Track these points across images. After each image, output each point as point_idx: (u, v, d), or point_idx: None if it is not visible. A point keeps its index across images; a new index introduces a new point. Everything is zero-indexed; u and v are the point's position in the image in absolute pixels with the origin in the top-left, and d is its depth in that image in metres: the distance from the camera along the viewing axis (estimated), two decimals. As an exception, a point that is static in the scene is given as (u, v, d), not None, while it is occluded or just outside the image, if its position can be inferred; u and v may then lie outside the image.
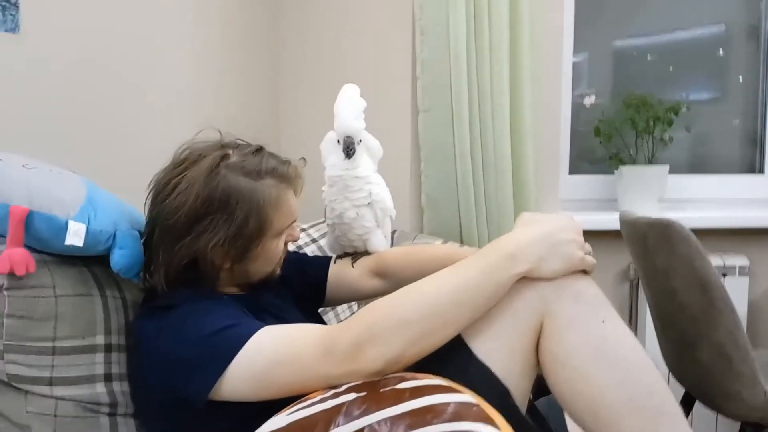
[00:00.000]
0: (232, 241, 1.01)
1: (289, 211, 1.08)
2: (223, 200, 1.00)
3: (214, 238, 0.99)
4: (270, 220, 1.04)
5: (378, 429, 0.75)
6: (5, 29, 1.15)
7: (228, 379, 0.89)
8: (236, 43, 1.89)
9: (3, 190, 0.92)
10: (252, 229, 1.02)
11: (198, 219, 0.99)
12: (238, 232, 1.01)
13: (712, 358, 1.39)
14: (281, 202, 1.06)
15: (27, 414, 0.93)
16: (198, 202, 0.99)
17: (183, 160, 1.04)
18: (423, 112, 1.97)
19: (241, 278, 1.09)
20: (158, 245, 1.02)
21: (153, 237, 1.03)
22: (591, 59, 2.35)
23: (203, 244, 0.99)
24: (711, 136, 2.34)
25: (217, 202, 0.99)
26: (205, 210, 0.99)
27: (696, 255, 1.35)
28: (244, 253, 1.04)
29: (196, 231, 0.99)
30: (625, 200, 2.11)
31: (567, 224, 0.95)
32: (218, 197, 0.99)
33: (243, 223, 1.01)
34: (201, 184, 0.99)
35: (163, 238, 1.01)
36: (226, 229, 1.00)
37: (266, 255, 1.07)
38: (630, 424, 0.86)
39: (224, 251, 1.02)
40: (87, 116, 1.33)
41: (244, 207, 1.01)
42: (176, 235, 1.00)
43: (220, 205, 1.00)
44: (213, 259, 1.02)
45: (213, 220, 0.99)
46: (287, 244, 1.14)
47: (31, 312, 0.92)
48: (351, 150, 1.20)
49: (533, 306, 0.92)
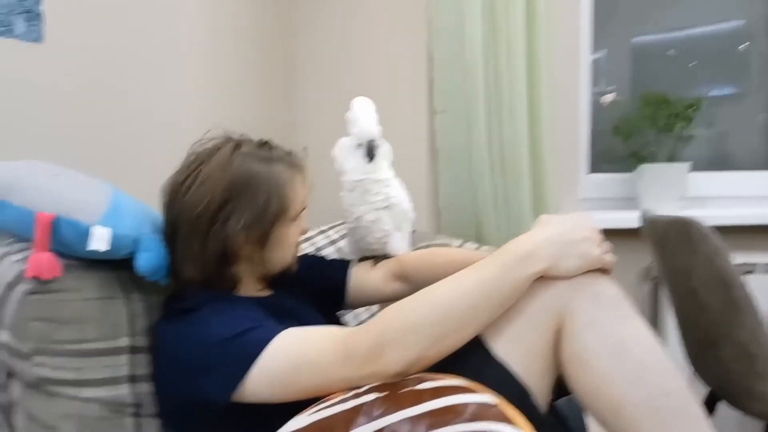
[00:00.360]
0: (257, 222, 1.04)
1: (302, 195, 1.12)
2: (244, 183, 1.03)
3: (242, 219, 1.02)
4: (289, 200, 1.08)
5: (398, 429, 0.76)
6: (29, 39, 1.18)
7: (250, 382, 0.90)
8: (250, 47, 1.91)
9: (30, 196, 0.94)
10: (274, 209, 1.05)
11: (223, 204, 1.02)
12: (262, 214, 1.04)
13: (735, 358, 1.37)
14: (295, 185, 1.10)
15: (55, 415, 0.95)
16: (220, 188, 1.02)
17: (196, 157, 1.07)
18: (439, 113, 1.97)
19: (262, 269, 1.11)
20: (188, 241, 1.03)
21: (178, 236, 1.04)
22: (610, 56, 2.33)
23: (231, 229, 1.02)
24: (733, 133, 2.31)
25: (239, 186, 1.03)
26: (228, 194, 1.02)
27: (716, 254, 1.33)
28: (265, 236, 1.06)
29: (224, 216, 1.02)
30: (645, 199, 2.09)
31: (583, 223, 0.95)
32: (239, 181, 1.03)
33: (266, 204, 1.04)
34: (220, 172, 1.03)
35: (193, 233, 1.03)
36: (251, 209, 1.03)
37: (284, 241, 1.10)
38: (650, 424, 0.85)
39: (248, 234, 1.04)
40: (108, 123, 1.35)
41: (264, 188, 1.04)
42: (205, 226, 1.02)
43: (242, 188, 1.03)
44: (239, 245, 1.05)
45: (238, 203, 1.03)
46: (300, 237, 1.16)
47: (58, 315, 0.94)
48: (374, 152, 1.22)
49: (552, 306, 0.91)
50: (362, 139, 1.22)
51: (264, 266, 1.11)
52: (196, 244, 1.03)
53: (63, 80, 1.25)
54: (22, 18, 1.16)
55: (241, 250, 1.06)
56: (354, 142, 1.24)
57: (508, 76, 1.90)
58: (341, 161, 1.27)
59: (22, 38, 1.16)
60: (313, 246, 1.68)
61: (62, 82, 1.25)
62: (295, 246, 1.15)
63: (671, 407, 0.86)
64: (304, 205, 1.14)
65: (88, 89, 1.30)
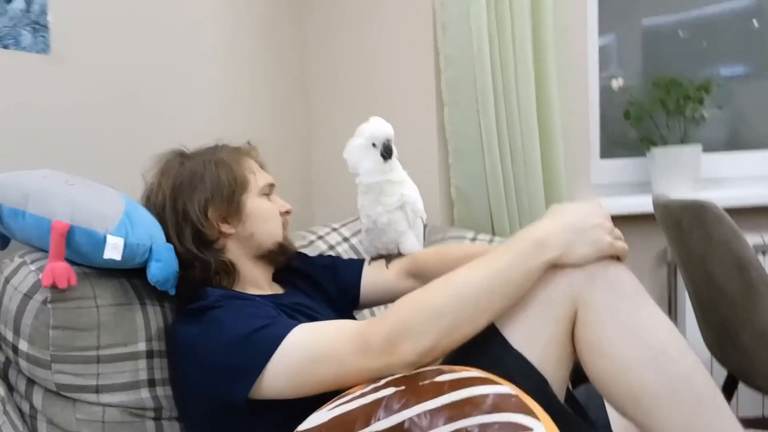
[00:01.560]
0: (215, 196, 1.10)
1: (256, 170, 1.18)
2: (190, 174, 1.12)
3: (196, 198, 1.09)
4: (242, 172, 1.15)
5: (418, 422, 0.76)
6: (36, 50, 1.18)
7: (267, 378, 0.91)
8: (264, 49, 1.91)
9: (46, 205, 0.95)
10: (229, 182, 1.12)
11: (178, 195, 1.10)
12: (215, 187, 1.11)
13: (754, 341, 1.36)
14: (243, 163, 1.16)
15: (76, 421, 0.96)
16: (171, 184, 1.11)
17: (153, 177, 1.15)
18: (448, 105, 1.96)
19: (253, 248, 1.14)
20: (173, 241, 1.08)
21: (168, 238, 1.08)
22: (619, 40, 2.30)
23: (194, 213, 1.09)
24: (747, 112, 2.28)
25: (186, 178, 1.11)
26: (179, 186, 1.10)
27: (732, 236, 1.31)
28: (237, 210, 1.12)
29: (181, 205, 1.09)
30: (658, 182, 2.07)
31: (594, 210, 0.94)
32: (185, 174, 1.12)
33: (216, 180, 1.11)
34: (169, 175, 1.12)
35: (171, 232, 1.08)
36: (203, 188, 1.10)
37: (261, 213, 1.15)
38: (670, 411, 0.85)
39: (215, 210, 1.10)
40: (117, 133, 1.36)
41: (211, 168, 1.12)
42: (173, 221, 1.09)
43: (190, 178, 1.11)
44: (211, 225, 1.10)
45: (191, 189, 1.10)
46: (285, 216, 1.20)
47: (75, 323, 0.95)
48: (391, 151, 1.23)
49: (566, 294, 0.91)
50: (377, 139, 1.22)
51: (252, 243, 1.14)
52: (177, 242, 1.07)
53: (71, 91, 1.26)
54: (28, 30, 1.17)
55: (219, 230, 1.11)
56: (367, 143, 1.23)
57: (516, 64, 1.88)
58: (355, 163, 1.26)
59: (29, 50, 1.17)
60: (326, 244, 1.68)
61: (71, 92, 1.25)
62: (275, 216, 1.18)
63: (690, 392, 0.85)
64: (267, 180, 1.19)
65: (97, 99, 1.31)
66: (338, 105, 2.13)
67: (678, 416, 0.84)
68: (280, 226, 1.18)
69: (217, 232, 1.11)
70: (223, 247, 1.12)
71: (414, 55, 2.03)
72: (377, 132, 1.22)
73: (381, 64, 2.09)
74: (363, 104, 2.09)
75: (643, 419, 0.87)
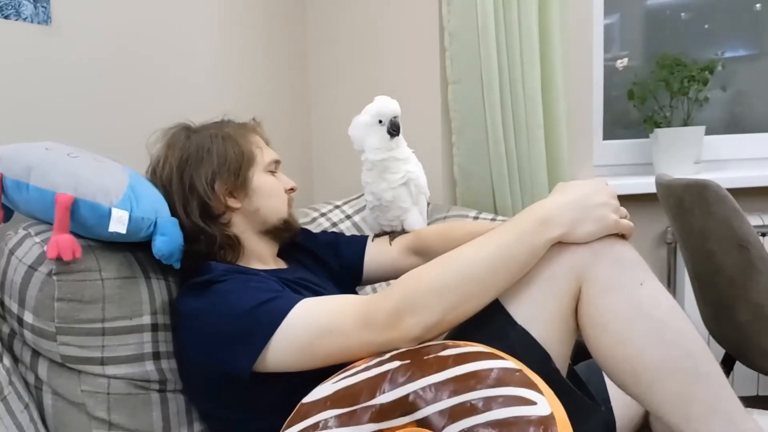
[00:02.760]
0: (222, 169, 1.10)
1: (262, 146, 1.18)
2: (197, 147, 1.11)
3: (203, 171, 1.09)
4: (249, 146, 1.15)
5: (423, 395, 0.77)
6: (37, 21, 1.17)
7: (271, 351, 0.91)
8: (263, 20, 1.90)
9: (50, 178, 0.95)
10: (236, 156, 1.12)
11: (185, 168, 1.09)
12: (222, 161, 1.10)
13: (751, 319, 1.37)
14: (249, 138, 1.16)
15: (81, 393, 0.97)
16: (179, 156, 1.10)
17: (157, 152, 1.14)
18: (453, 84, 1.95)
19: (258, 223, 1.15)
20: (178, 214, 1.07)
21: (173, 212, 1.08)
22: (623, 20, 2.29)
23: (201, 187, 1.08)
24: (749, 94, 2.27)
25: (194, 151, 1.11)
26: (186, 159, 1.10)
27: (733, 215, 1.32)
28: (243, 184, 1.12)
29: (188, 177, 1.09)
30: (661, 163, 2.07)
31: (600, 188, 0.94)
32: (192, 147, 1.11)
33: (223, 154, 1.11)
34: (175, 147, 1.11)
35: (176, 205, 1.08)
36: (210, 162, 1.10)
37: (267, 188, 1.16)
38: (669, 385, 0.86)
39: (222, 185, 1.10)
40: (118, 105, 1.35)
41: (217, 143, 1.12)
42: (180, 193, 1.09)
43: (197, 151, 1.11)
44: (217, 199, 1.10)
45: (198, 161, 1.10)
46: (289, 193, 1.20)
47: (80, 295, 0.95)
48: (398, 128, 1.23)
49: (570, 271, 0.91)
50: (384, 116, 1.22)
51: (257, 218, 1.14)
52: (183, 215, 1.08)
53: (73, 62, 1.25)
54: (29, 0, 1.15)
55: (225, 204, 1.11)
56: (374, 120, 1.23)
57: (521, 42, 1.87)
58: (360, 140, 1.26)
59: (30, 20, 1.16)
60: (329, 221, 1.68)
61: (72, 63, 1.25)
62: (281, 192, 1.18)
63: (691, 368, 0.86)
64: (273, 157, 1.19)
65: (98, 70, 1.30)
66: (339, 81, 2.11)
67: (678, 391, 0.85)
68: (285, 202, 1.18)
69: (224, 205, 1.11)
70: (229, 221, 1.12)
71: (419, 30, 2.01)
72: (384, 109, 1.22)
73: (384, 39, 2.06)
74: (365, 80, 2.08)
75: (642, 393, 0.88)
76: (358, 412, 0.80)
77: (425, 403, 0.76)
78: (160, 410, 1.03)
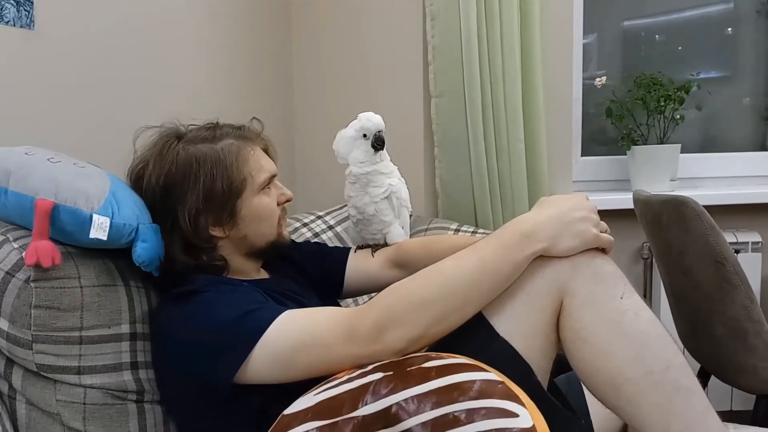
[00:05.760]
0: (208, 204, 1.04)
1: (258, 164, 1.10)
2: (183, 170, 1.04)
3: (188, 205, 1.03)
4: (241, 175, 1.07)
5: (405, 406, 0.76)
6: (20, 25, 1.16)
7: (252, 363, 0.90)
8: (248, 30, 1.90)
9: (29, 183, 0.93)
10: (223, 187, 1.05)
11: (166, 194, 1.04)
12: (209, 194, 1.04)
13: (727, 333, 1.40)
14: (245, 156, 1.08)
15: (57, 402, 0.95)
16: (162, 182, 1.04)
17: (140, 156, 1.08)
18: (435, 98, 1.96)
19: (245, 247, 1.11)
20: (163, 232, 1.04)
21: None
22: (600, 40, 2.34)
23: (183, 218, 1.03)
24: (721, 115, 2.33)
25: (179, 173, 1.04)
26: (171, 181, 1.04)
27: (710, 231, 1.35)
28: (231, 215, 1.07)
29: (172, 207, 1.04)
30: (637, 180, 2.10)
31: (580, 203, 0.96)
32: (180, 168, 1.04)
33: (211, 184, 1.04)
34: (157, 163, 1.04)
35: (161, 225, 1.04)
36: (195, 194, 1.03)
37: (256, 214, 1.10)
38: (649, 398, 0.87)
39: (207, 217, 1.05)
40: (101, 110, 1.34)
41: (206, 168, 1.04)
42: (163, 218, 1.04)
43: (183, 174, 1.04)
44: (202, 229, 1.05)
45: (183, 190, 1.03)
46: (283, 205, 1.16)
47: (58, 303, 0.93)
48: (383, 142, 1.24)
49: (552, 284, 0.92)
50: (369, 130, 1.23)
51: (244, 243, 1.11)
52: (167, 235, 1.04)
53: (55, 67, 1.23)
54: (12, 3, 1.14)
55: (211, 233, 1.07)
56: (358, 134, 1.24)
57: (504, 58, 1.89)
58: (345, 153, 1.26)
59: (13, 24, 1.15)
60: (311, 231, 1.68)
61: (55, 68, 1.23)
62: (273, 215, 1.13)
63: (669, 381, 0.87)
64: (270, 172, 1.12)
65: (81, 76, 1.29)
66: (324, 94, 2.11)
67: (657, 404, 0.86)
68: (275, 224, 1.14)
69: (207, 235, 1.07)
70: (214, 246, 1.09)
71: (403, 45, 2.02)
72: (368, 123, 1.23)
73: (369, 53, 2.07)
74: (348, 93, 2.08)
75: (623, 406, 0.89)
76: (340, 424, 0.79)
77: (408, 415, 0.76)
78: (137, 421, 1.01)
